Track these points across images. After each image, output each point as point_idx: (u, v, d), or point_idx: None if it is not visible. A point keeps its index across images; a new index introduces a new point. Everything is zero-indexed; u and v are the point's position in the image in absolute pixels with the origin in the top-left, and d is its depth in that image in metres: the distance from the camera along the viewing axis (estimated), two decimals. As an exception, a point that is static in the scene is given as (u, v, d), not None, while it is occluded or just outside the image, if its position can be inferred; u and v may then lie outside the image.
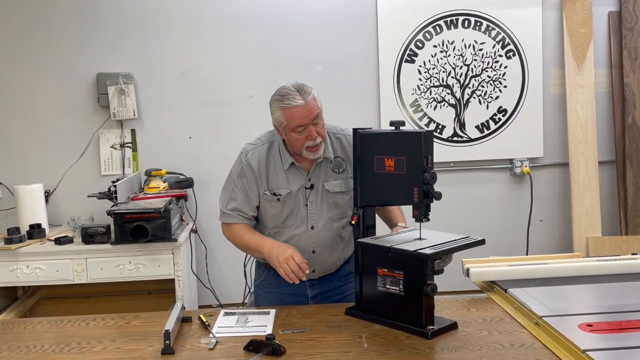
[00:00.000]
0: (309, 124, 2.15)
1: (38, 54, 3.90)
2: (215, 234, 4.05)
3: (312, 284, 2.37)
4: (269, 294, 2.42)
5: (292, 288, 2.34)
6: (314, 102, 2.16)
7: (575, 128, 4.02)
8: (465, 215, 4.09)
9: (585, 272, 2.29)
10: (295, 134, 2.17)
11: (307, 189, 2.28)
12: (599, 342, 1.70)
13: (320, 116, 2.19)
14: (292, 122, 2.14)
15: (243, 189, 2.30)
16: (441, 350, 1.81)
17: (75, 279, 3.40)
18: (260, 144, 2.32)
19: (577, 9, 4.03)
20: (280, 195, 2.26)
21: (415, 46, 4.02)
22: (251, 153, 2.30)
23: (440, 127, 4.09)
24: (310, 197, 2.28)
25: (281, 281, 2.34)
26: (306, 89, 2.16)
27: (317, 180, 2.29)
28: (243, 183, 2.29)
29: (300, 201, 2.28)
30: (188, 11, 3.93)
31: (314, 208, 2.29)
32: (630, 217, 4.04)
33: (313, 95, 2.16)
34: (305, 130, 2.15)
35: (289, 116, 2.14)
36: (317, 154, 2.21)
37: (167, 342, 1.83)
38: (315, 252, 2.31)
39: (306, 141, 2.17)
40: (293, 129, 2.15)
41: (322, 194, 2.29)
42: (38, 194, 3.61)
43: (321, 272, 2.36)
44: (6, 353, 1.88)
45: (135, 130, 3.98)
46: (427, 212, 2.01)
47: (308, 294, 2.37)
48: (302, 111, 2.13)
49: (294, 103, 2.12)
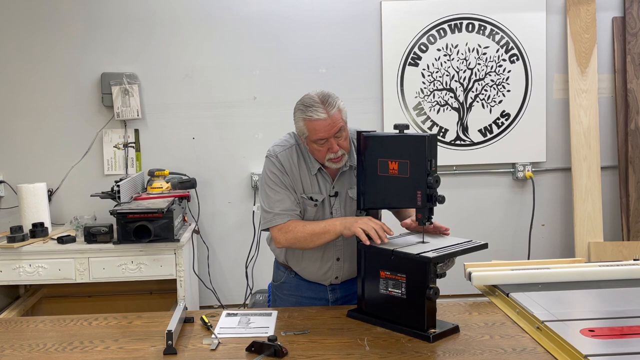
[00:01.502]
0: (331, 137, 2.10)
1: (42, 53, 3.91)
2: (218, 235, 4.07)
3: (334, 288, 2.34)
4: (288, 297, 2.38)
5: (313, 292, 2.34)
6: (338, 114, 2.10)
7: (578, 133, 4.03)
8: (467, 219, 4.09)
9: (587, 277, 2.29)
10: (316, 146, 2.12)
11: (331, 196, 2.24)
12: (600, 348, 1.70)
13: (344, 128, 2.13)
14: (314, 134, 2.10)
15: (284, 186, 2.20)
16: (443, 354, 1.81)
17: (78, 278, 3.40)
18: (288, 146, 2.25)
19: (581, 14, 4.03)
20: (317, 201, 2.22)
21: (419, 49, 4.03)
22: (281, 154, 2.22)
23: (443, 131, 4.09)
24: (335, 205, 2.24)
25: (302, 285, 2.35)
26: (330, 101, 2.10)
27: (341, 188, 2.25)
28: (282, 181, 2.20)
29: (326, 208, 2.24)
30: (192, 12, 3.94)
31: (338, 216, 2.23)
32: (632, 222, 4.04)
33: (338, 107, 2.10)
34: (327, 142, 2.11)
35: (310, 128, 2.10)
36: (339, 164, 2.17)
37: (169, 343, 1.83)
38: (339, 259, 2.28)
39: (327, 153, 2.13)
40: (314, 141, 2.11)
41: (346, 201, 2.25)
42: (41, 193, 3.62)
43: (343, 278, 2.33)
44: (9, 351, 1.89)
45: (138, 130, 3.99)
46: (431, 215, 2.02)
47: (329, 298, 2.35)
48: (324, 125, 2.07)
49: (315, 116, 2.07)
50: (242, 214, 4.04)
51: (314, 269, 2.30)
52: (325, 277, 2.31)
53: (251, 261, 3.97)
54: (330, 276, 2.31)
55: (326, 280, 2.33)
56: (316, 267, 2.30)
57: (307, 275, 2.34)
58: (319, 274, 2.31)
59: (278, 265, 2.44)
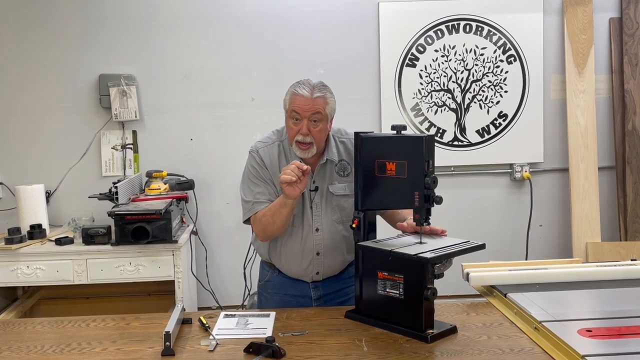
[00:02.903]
0: (306, 119, 2.18)
1: (40, 54, 3.91)
2: (216, 236, 4.07)
3: (316, 285, 2.37)
4: (273, 295, 2.43)
5: (296, 289, 2.37)
6: (322, 102, 2.19)
7: (575, 133, 4.03)
8: (464, 220, 4.09)
9: (584, 277, 2.30)
10: (291, 122, 2.22)
11: (311, 191, 2.29)
12: (598, 348, 1.70)
13: (323, 119, 2.21)
14: (291, 105, 2.20)
15: (263, 179, 2.30)
16: (441, 355, 1.81)
17: (76, 280, 3.40)
18: (270, 142, 2.35)
19: (579, 14, 4.04)
20: None
21: (416, 50, 4.04)
22: (262, 150, 2.33)
23: (440, 132, 4.09)
24: (315, 199, 2.29)
25: (285, 282, 2.38)
26: (321, 88, 2.21)
27: (322, 183, 2.30)
28: (262, 175, 2.30)
29: (305, 203, 2.29)
30: (190, 13, 3.95)
31: (319, 210, 2.30)
32: (629, 222, 4.04)
33: (325, 97, 2.20)
34: (300, 122, 2.19)
35: (291, 100, 2.21)
36: (305, 153, 2.23)
37: (167, 344, 1.83)
38: (319, 254, 2.32)
39: (297, 135, 2.21)
40: (289, 113, 2.21)
41: (326, 196, 2.30)
42: (39, 195, 3.61)
43: (325, 274, 2.37)
44: (6, 353, 1.89)
45: (136, 131, 3.99)
46: (428, 216, 2.02)
47: (312, 295, 2.38)
48: (303, 101, 2.18)
49: (300, 91, 2.19)
50: (240, 215, 4.00)
51: (294, 263, 2.34)
52: (307, 272, 2.35)
53: (249, 262, 3.95)
54: (311, 271, 2.34)
55: (307, 277, 2.36)
56: (297, 262, 2.33)
57: (289, 271, 2.38)
58: (299, 269, 2.34)
59: (263, 264, 2.51)
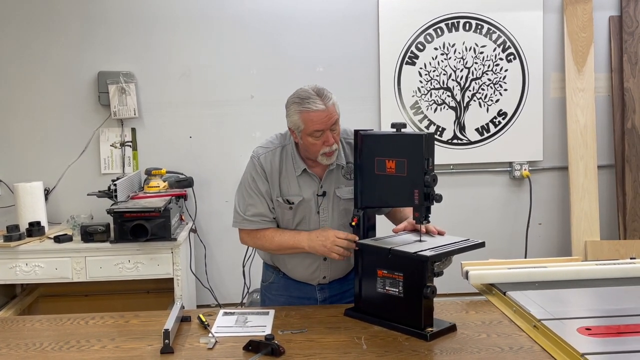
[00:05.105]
0: (327, 130, 2.10)
1: (39, 52, 3.90)
2: (215, 234, 4.06)
3: (322, 287, 2.35)
4: (277, 297, 2.39)
5: (301, 291, 2.34)
6: (334, 107, 2.11)
7: (574, 132, 4.03)
8: (464, 218, 4.09)
9: (583, 275, 2.30)
10: (312, 139, 2.11)
11: (319, 196, 2.24)
12: (597, 346, 1.70)
13: (338, 122, 2.14)
14: (310, 126, 2.08)
15: (259, 192, 2.23)
16: (440, 353, 1.81)
17: (74, 278, 3.39)
18: (272, 148, 2.26)
19: (578, 13, 4.04)
20: (293, 203, 2.22)
21: (416, 48, 4.03)
22: (263, 156, 2.24)
23: (440, 130, 4.09)
24: (322, 205, 2.24)
25: (291, 285, 2.36)
26: (326, 94, 2.11)
27: (329, 188, 2.25)
28: (259, 187, 2.23)
29: (312, 208, 2.24)
30: (190, 11, 3.94)
31: (326, 215, 2.25)
32: (628, 221, 4.05)
33: (333, 100, 2.12)
34: (323, 135, 2.10)
35: (307, 120, 2.08)
36: (331, 160, 2.17)
37: (166, 341, 1.83)
38: (326, 259, 2.27)
39: (323, 147, 2.12)
40: (310, 133, 2.10)
41: (333, 201, 2.25)
42: (38, 192, 3.61)
43: (332, 278, 2.34)
44: (5, 350, 1.89)
45: (135, 129, 3.98)
46: (428, 214, 2.02)
47: (317, 297, 2.35)
48: (322, 116, 2.07)
49: (314, 107, 2.07)
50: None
51: (301, 268, 2.31)
52: (313, 277, 2.32)
53: (248, 260, 3.95)
54: (318, 276, 2.32)
55: (314, 280, 2.33)
56: (303, 267, 2.30)
57: (295, 275, 2.35)
58: (306, 273, 2.32)
59: (267, 265, 2.46)
